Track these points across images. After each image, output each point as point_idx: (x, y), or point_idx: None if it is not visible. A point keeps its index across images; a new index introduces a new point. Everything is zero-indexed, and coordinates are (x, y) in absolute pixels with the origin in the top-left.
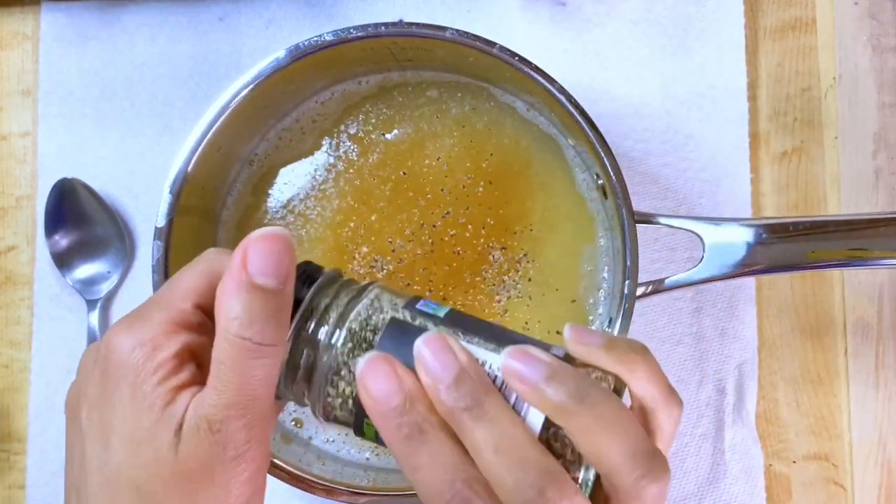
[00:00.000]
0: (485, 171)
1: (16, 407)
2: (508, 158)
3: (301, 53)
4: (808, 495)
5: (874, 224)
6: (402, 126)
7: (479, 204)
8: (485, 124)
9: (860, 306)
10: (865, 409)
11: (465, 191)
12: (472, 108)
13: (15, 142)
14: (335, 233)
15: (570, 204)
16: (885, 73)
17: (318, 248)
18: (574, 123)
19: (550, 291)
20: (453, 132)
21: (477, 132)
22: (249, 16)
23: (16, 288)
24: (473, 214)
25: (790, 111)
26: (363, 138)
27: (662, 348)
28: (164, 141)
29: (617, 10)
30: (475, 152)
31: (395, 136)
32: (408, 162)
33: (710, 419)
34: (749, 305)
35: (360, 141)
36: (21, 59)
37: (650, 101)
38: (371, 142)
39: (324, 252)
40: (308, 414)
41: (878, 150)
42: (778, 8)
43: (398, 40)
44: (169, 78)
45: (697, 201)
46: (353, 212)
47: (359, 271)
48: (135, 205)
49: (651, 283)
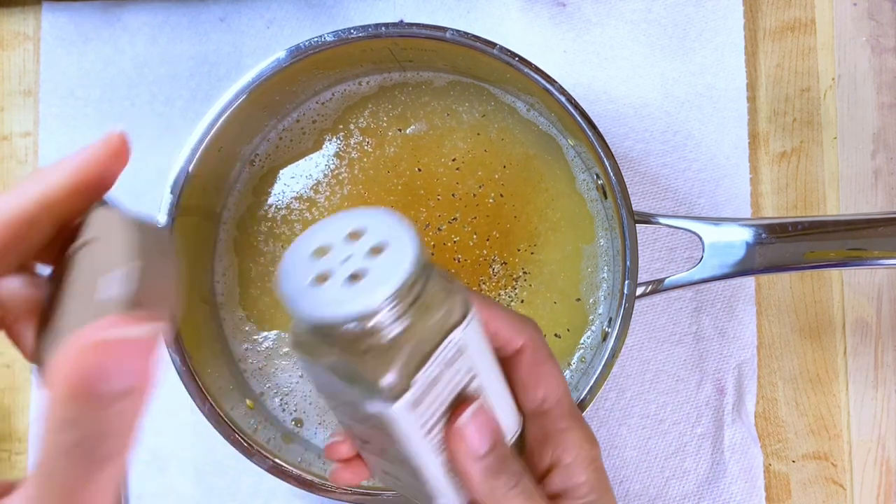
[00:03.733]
0: (497, 182)
1: (17, 407)
2: (523, 173)
3: (301, 54)
4: (807, 494)
5: (873, 224)
6: (415, 121)
7: (486, 215)
8: (497, 132)
9: (859, 306)
10: (864, 409)
11: (475, 199)
12: (482, 115)
13: (16, 142)
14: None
15: (570, 204)
16: (884, 74)
17: None
18: (574, 123)
19: (550, 292)
20: (468, 138)
21: (491, 141)
22: (250, 16)
23: None
24: (479, 224)
25: (789, 111)
26: (363, 139)
27: (662, 348)
28: (165, 141)
29: (617, 10)
30: (489, 162)
31: (407, 132)
32: (415, 164)
33: (709, 419)
34: (748, 305)
35: (363, 140)
36: (22, 59)
37: (650, 101)
38: (372, 142)
39: None
40: (308, 414)
41: (876, 151)
42: (777, 9)
43: (398, 41)
44: (169, 78)
45: (697, 201)
46: None
47: None
48: (135, 205)
49: (651, 283)
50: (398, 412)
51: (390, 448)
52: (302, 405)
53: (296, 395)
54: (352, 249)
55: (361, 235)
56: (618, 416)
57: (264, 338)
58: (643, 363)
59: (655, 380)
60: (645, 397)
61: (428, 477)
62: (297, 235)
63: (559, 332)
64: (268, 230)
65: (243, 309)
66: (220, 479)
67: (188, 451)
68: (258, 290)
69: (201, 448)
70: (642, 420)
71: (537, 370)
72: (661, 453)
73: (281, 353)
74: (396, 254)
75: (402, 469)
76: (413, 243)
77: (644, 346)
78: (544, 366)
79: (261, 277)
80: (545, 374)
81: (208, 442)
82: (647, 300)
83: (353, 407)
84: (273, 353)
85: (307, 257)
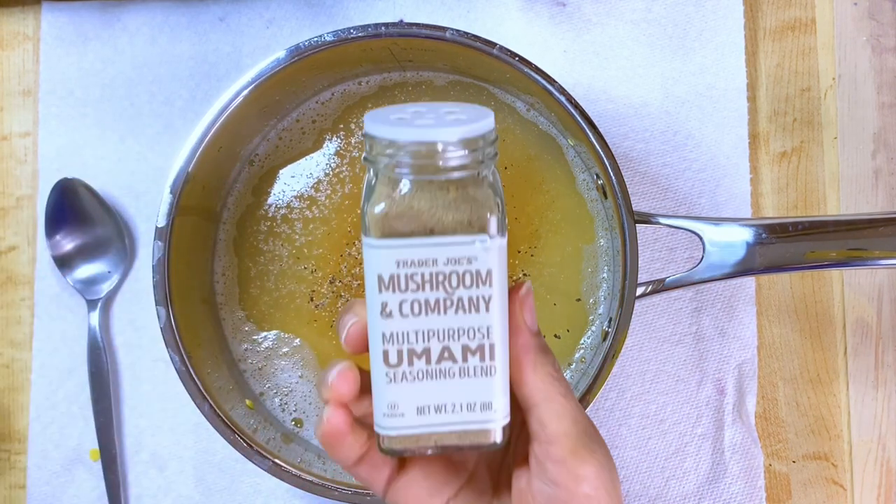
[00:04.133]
0: None
1: (16, 407)
2: (524, 174)
3: (301, 54)
4: (807, 495)
5: (873, 224)
6: None
7: None
8: (500, 133)
9: (859, 306)
10: (865, 409)
11: None
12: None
13: (16, 142)
14: (335, 232)
15: (570, 204)
16: (885, 74)
17: (316, 248)
18: (574, 123)
19: (551, 292)
20: None
21: None
22: (250, 16)
23: (16, 288)
24: None
25: (789, 111)
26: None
27: (662, 348)
28: (165, 141)
29: (617, 10)
30: None
31: None
32: None
33: (709, 419)
34: (749, 305)
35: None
36: (22, 59)
37: (650, 101)
38: None
39: (322, 252)
40: (308, 414)
41: (877, 151)
42: (777, 8)
43: (398, 41)
44: (169, 78)
45: (697, 201)
46: (353, 211)
47: (354, 272)
48: (135, 205)
49: (651, 283)
50: (502, 245)
51: (456, 339)
52: (302, 405)
53: (295, 396)
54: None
55: (443, 110)
56: (618, 416)
57: (264, 338)
58: (643, 363)
59: (655, 380)
60: (645, 397)
61: (498, 355)
62: (297, 234)
63: (559, 333)
64: (267, 230)
65: (243, 309)
66: (219, 479)
67: (188, 451)
68: (258, 289)
69: (201, 448)
70: (642, 420)
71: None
72: (662, 453)
73: (280, 354)
74: (482, 114)
75: (456, 379)
76: (491, 114)
77: (644, 346)
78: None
79: (260, 277)
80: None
81: (208, 442)
82: (647, 300)
83: (443, 265)
84: (273, 353)
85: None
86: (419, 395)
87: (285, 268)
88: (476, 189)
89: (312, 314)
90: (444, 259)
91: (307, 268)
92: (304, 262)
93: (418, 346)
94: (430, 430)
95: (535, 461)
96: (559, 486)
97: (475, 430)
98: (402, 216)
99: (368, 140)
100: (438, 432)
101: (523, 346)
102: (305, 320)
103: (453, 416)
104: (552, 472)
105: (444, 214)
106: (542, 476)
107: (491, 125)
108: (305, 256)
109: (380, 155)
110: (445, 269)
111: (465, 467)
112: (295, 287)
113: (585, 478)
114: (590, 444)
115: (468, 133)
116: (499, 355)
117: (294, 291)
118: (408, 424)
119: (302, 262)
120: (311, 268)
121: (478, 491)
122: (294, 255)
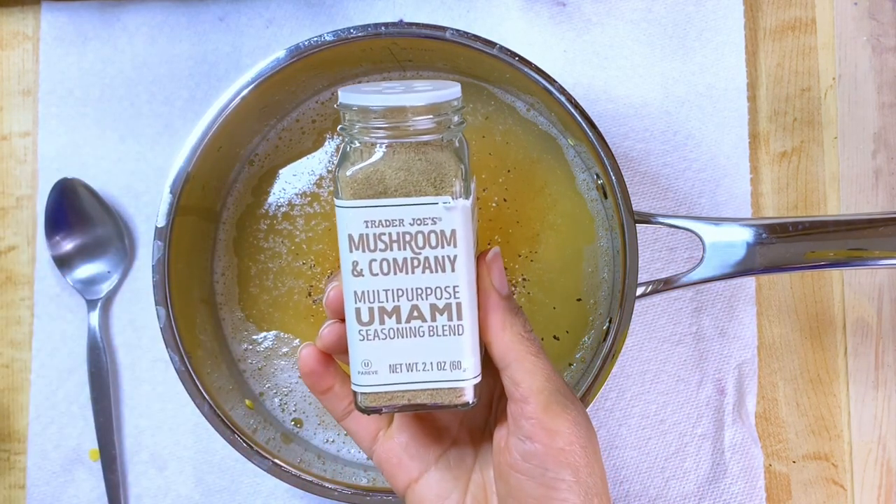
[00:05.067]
0: (501, 186)
1: (16, 407)
2: (526, 176)
3: (301, 53)
4: (807, 495)
5: (873, 224)
6: None
7: (488, 219)
8: (503, 135)
9: (860, 306)
10: (865, 409)
11: (478, 202)
12: (485, 118)
13: (15, 142)
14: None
15: (570, 204)
16: (885, 74)
17: (316, 244)
18: (574, 123)
19: (550, 297)
20: (473, 141)
21: (496, 144)
22: (249, 16)
23: (16, 288)
24: (481, 229)
25: (790, 111)
26: None
27: (662, 348)
28: (164, 141)
29: (617, 10)
30: (493, 165)
31: None
32: None
33: (709, 419)
34: (749, 305)
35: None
36: (21, 59)
37: (650, 101)
38: None
39: (322, 248)
40: (307, 414)
41: (877, 151)
42: (778, 8)
43: (398, 41)
44: (169, 78)
45: (697, 201)
46: None
47: None
48: (135, 205)
49: (651, 283)
50: (466, 206)
51: (424, 297)
52: (301, 405)
53: (295, 396)
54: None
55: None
56: (618, 416)
57: (263, 338)
58: (643, 363)
59: (655, 380)
60: (645, 397)
61: (466, 315)
62: (298, 231)
63: (558, 335)
64: (267, 227)
65: (242, 309)
66: (219, 479)
67: (188, 451)
68: (257, 289)
69: (201, 448)
70: (642, 420)
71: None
72: (662, 454)
73: (280, 354)
74: (449, 86)
75: (426, 338)
76: (458, 86)
77: (644, 346)
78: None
79: (260, 277)
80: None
81: (208, 442)
82: (647, 300)
83: (409, 225)
84: (272, 353)
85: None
86: (391, 353)
87: (285, 265)
88: (441, 153)
89: (310, 309)
90: (410, 219)
91: (306, 263)
92: (304, 258)
93: (388, 305)
94: (402, 387)
95: (511, 419)
96: (534, 441)
97: (446, 388)
98: (370, 178)
99: (343, 109)
100: (411, 390)
101: (492, 307)
102: (304, 315)
103: (424, 375)
104: (527, 429)
105: (410, 177)
106: (519, 433)
107: (457, 94)
108: (305, 252)
109: (353, 121)
110: (412, 229)
111: (448, 433)
112: (294, 283)
113: (559, 433)
114: (563, 400)
115: (435, 98)
116: (466, 315)
117: (293, 288)
118: (381, 382)
119: (301, 257)
120: (310, 263)
121: (460, 456)
122: (293, 252)
